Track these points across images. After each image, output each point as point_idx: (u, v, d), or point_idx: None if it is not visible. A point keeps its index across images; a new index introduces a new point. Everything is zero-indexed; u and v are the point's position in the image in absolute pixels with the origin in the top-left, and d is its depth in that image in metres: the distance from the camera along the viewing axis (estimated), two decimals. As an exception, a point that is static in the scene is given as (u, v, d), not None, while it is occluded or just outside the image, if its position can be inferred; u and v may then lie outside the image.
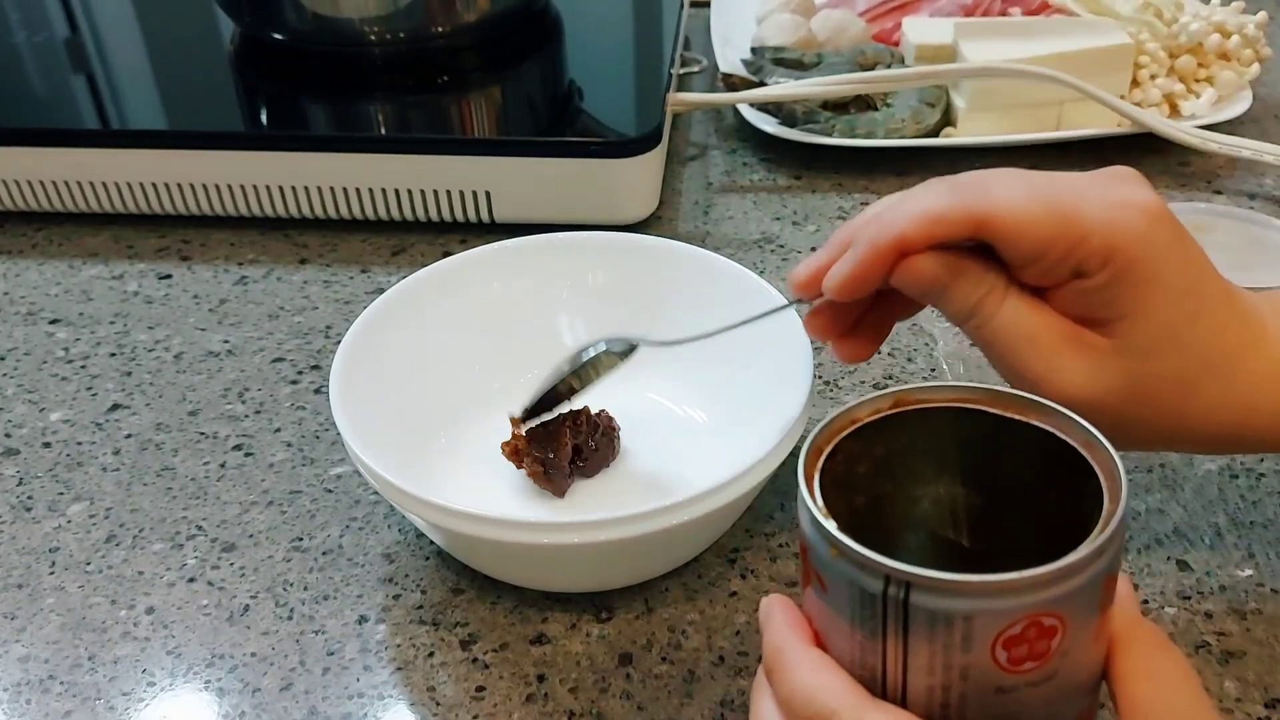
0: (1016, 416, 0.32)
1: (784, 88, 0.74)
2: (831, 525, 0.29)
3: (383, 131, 0.74)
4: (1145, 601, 0.45)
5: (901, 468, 0.34)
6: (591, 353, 0.47)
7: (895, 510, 0.35)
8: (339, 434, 0.46)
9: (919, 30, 0.80)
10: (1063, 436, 0.31)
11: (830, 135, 0.75)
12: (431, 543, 0.49)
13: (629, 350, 0.48)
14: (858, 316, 0.43)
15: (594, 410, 0.51)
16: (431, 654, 0.45)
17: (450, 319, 0.54)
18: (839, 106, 0.77)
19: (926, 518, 0.35)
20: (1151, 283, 0.37)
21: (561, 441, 0.49)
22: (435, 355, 0.54)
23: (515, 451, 0.50)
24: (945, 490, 0.35)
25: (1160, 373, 0.38)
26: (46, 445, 0.56)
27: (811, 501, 0.30)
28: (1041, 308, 0.39)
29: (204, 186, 0.69)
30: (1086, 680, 0.30)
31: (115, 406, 0.58)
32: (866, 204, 0.71)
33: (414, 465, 0.49)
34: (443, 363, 0.54)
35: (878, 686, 0.30)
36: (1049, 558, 0.27)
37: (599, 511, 0.42)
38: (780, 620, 0.32)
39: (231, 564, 0.49)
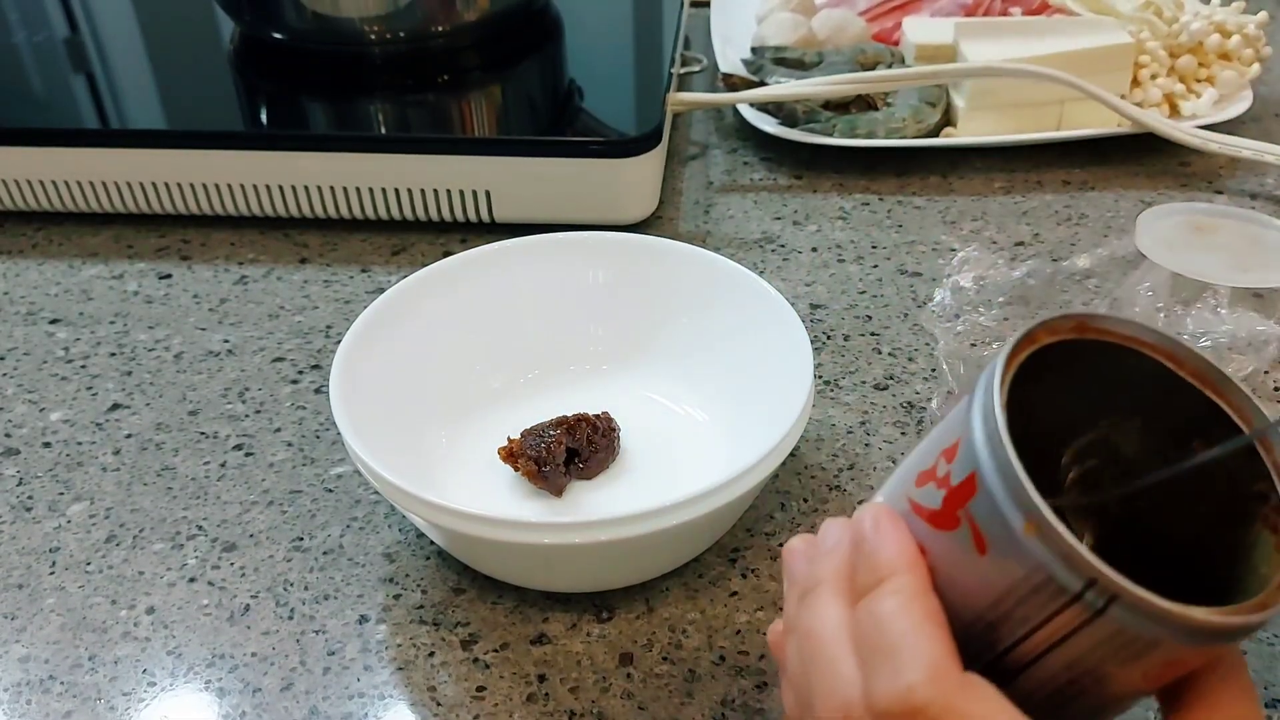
0: (1190, 380, 0.28)
1: (784, 87, 0.74)
2: (1035, 494, 0.25)
3: (383, 131, 0.74)
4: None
5: (1069, 398, 0.30)
6: None
7: (1051, 439, 0.31)
8: (339, 434, 0.46)
9: (919, 30, 0.80)
10: (1238, 421, 0.28)
11: (830, 135, 0.74)
12: (432, 542, 0.49)
13: None
14: None
15: (594, 412, 0.51)
16: (432, 654, 0.45)
17: (450, 318, 0.54)
18: (839, 106, 0.77)
19: (1077, 455, 0.32)
20: None
21: (556, 440, 0.49)
22: (435, 355, 0.54)
23: (511, 454, 0.50)
24: (1103, 431, 0.31)
25: None
26: (47, 445, 0.56)
27: (1009, 449, 0.25)
28: None
29: (204, 186, 0.69)
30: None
31: (115, 406, 0.58)
32: (867, 204, 0.71)
33: (414, 465, 0.49)
34: (443, 362, 0.54)
35: (988, 651, 0.27)
36: (1204, 567, 0.25)
37: (599, 511, 0.42)
38: (899, 538, 0.27)
39: (232, 564, 0.49)
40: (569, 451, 0.50)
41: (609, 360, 0.56)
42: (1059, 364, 0.28)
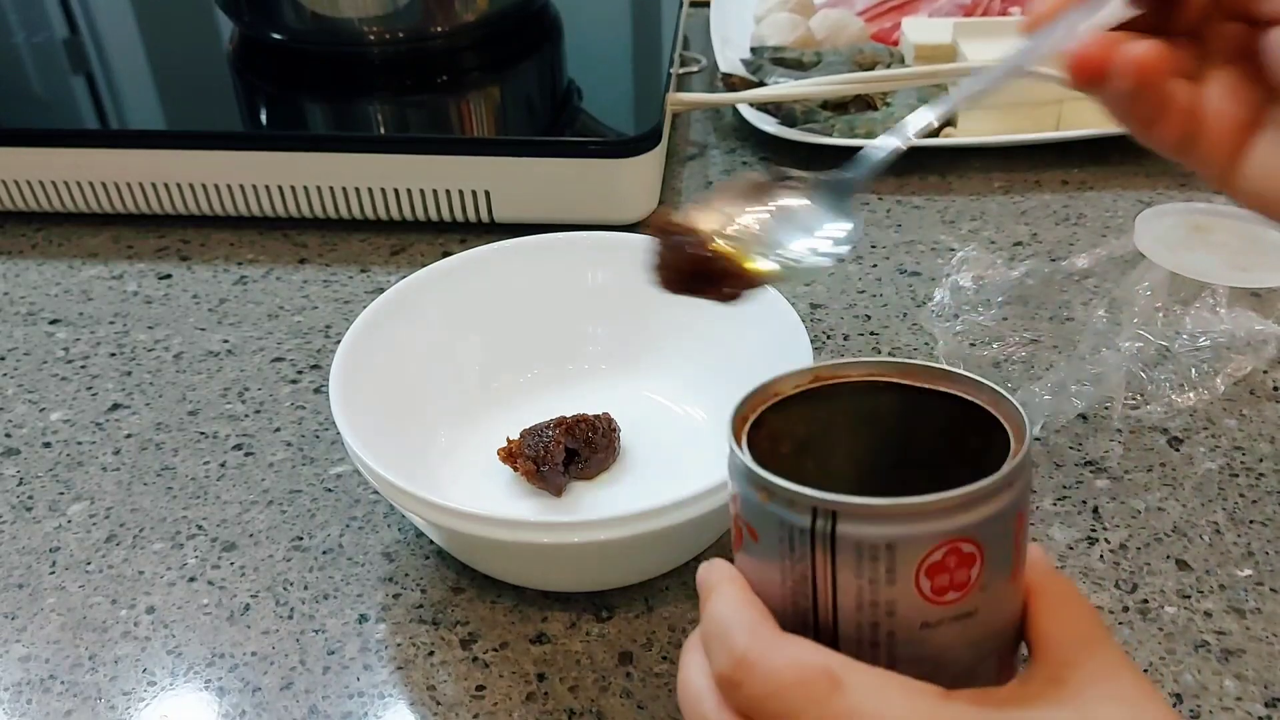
0: (925, 386, 0.33)
1: (783, 88, 0.74)
2: (760, 469, 0.29)
3: (382, 131, 0.74)
4: (1145, 601, 0.46)
5: (822, 444, 0.35)
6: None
7: (817, 486, 0.35)
8: (339, 433, 0.46)
9: (918, 30, 0.80)
10: (969, 398, 0.32)
11: (830, 135, 0.75)
12: (431, 542, 0.49)
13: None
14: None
15: (594, 412, 0.51)
16: (432, 653, 0.45)
17: (450, 318, 0.54)
18: (838, 106, 0.77)
19: (849, 492, 0.35)
20: None
21: (554, 440, 0.49)
22: (435, 355, 0.54)
23: (510, 454, 0.50)
24: (866, 464, 0.35)
25: None
26: (47, 445, 0.56)
27: (741, 451, 0.30)
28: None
29: (203, 186, 0.69)
30: (1007, 621, 0.31)
31: (115, 406, 0.58)
32: (866, 204, 0.71)
33: (414, 464, 0.49)
34: (443, 362, 0.54)
35: (809, 631, 0.30)
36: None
37: (599, 511, 0.42)
38: (719, 566, 0.32)
39: (232, 563, 0.49)
40: (568, 452, 0.50)
41: (609, 360, 0.56)
42: (804, 406, 0.33)
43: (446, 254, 0.68)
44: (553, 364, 0.56)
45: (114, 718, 0.43)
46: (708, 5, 0.91)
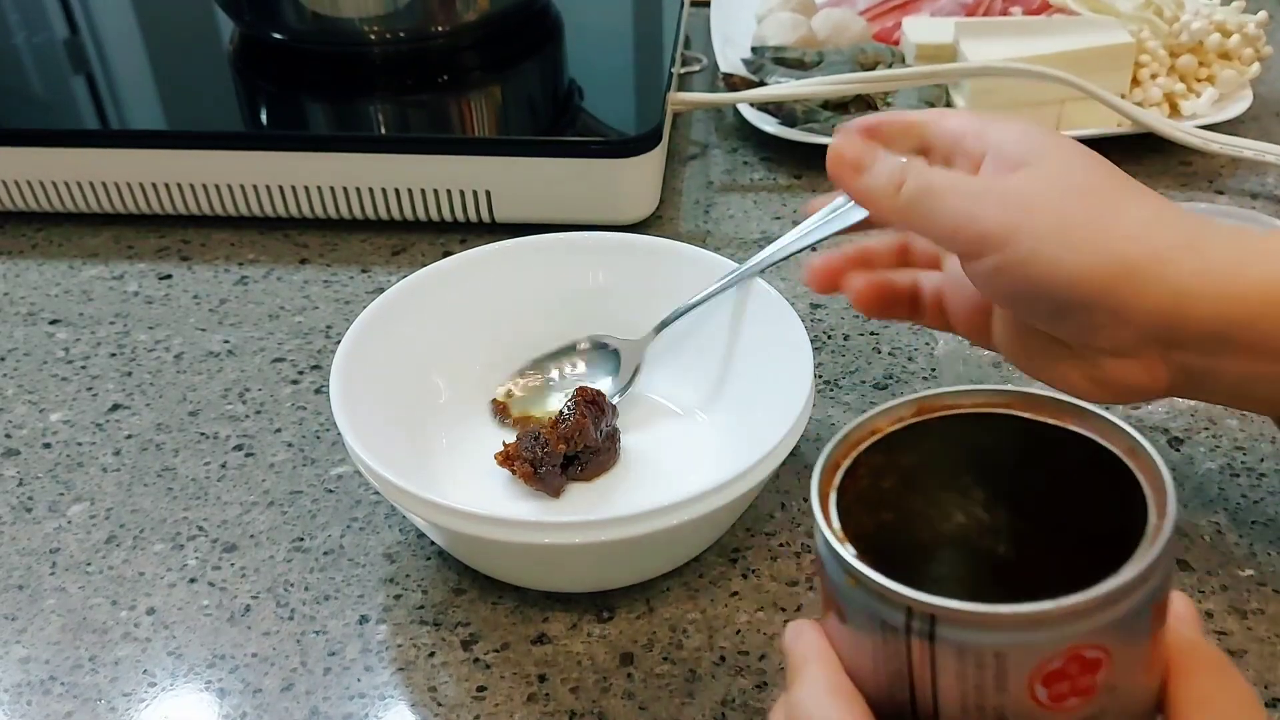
0: (1050, 421, 0.30)
1: (784, 87, 0.74)
2: (847, 551, 0.27)
3: (383, 131, 0.74)
4: (1146, 601, 0.45)
5: (929, 480, 0.32)
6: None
7: (924, 527, 0.32)
8: (339, 434, 0.46)
9: (919, 29, 0.80)
10: (1102, 442, 0.29)
11: (830, 135, 0.74)
12: (432, 543, 0.49)
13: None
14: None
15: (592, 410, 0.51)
16: (433, 654, 0.45)
17: (451, 318, 0.54)
18: (839, 106, 0.77)
19: (958, 534, 0.33)
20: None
21: (551, 441, 0.49)
22: (436, 355, 0.54)
23: (507, 458, 0.50)
24: (977, 503, 0.32)
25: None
26: (47, 446, 0.56)
27: (825, 525, 0.28)
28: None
29: (204, 186, 0.69)
30: (1140, 713, 0.28)
31: (115, 407, 0.58)
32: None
33: (415, 465, 0.49)
34: (444, 363, 0.54)
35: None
36: (1092, 578, 0.25)
37: (599, 511, 0.41)
38: (809, 637, 0.30)
39: (232, 564, 0.49)
40: (566, 458, 0.50)
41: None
42: (911, 443, 0.30)
43: (447, 254, 0.68)
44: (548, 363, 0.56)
45: (114, 719, 0.43)
46: (709, 5, 0.90)
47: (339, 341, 0.50)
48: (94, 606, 0.47)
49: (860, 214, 0.45)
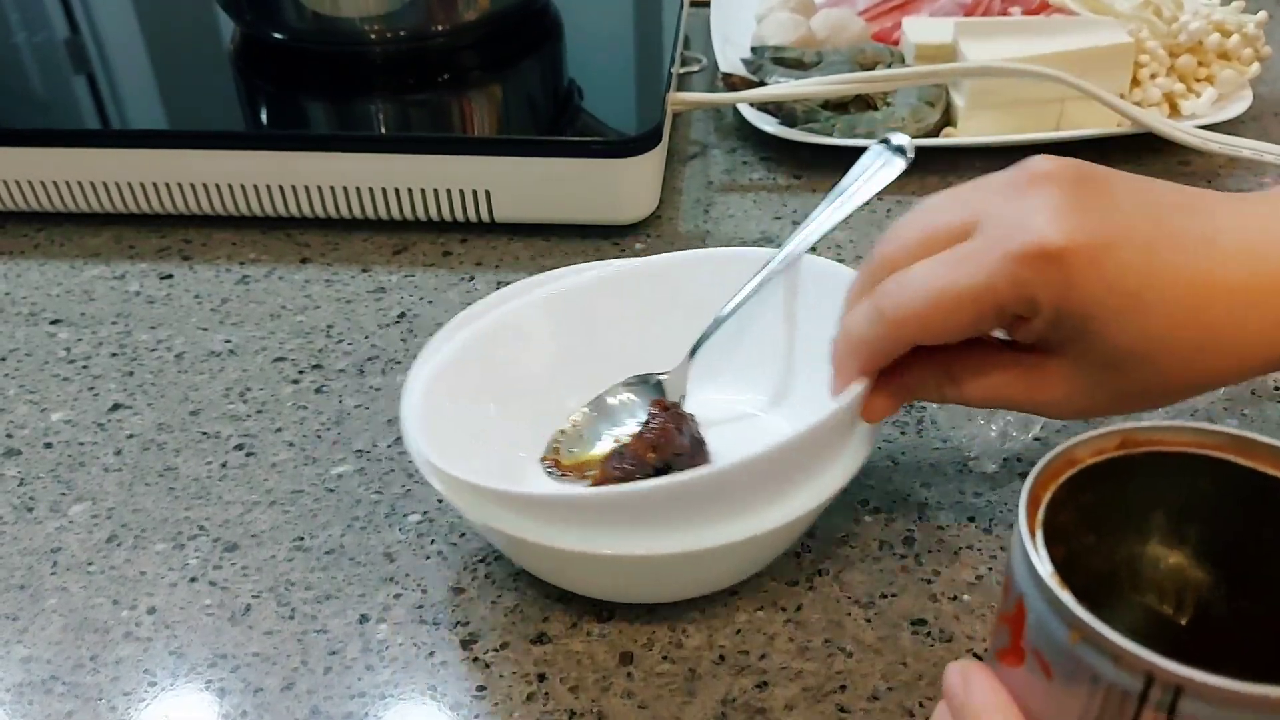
0: (1271, 471, 0.27)
1: (784, 87, 0.74)
2: (1072, 601, 0.24)
3: (383, 131, 0.74)
4: (1145, 600, 0.46)
5: (1123, 519, 0.29)
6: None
7: (1095, 568, 0.30)
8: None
9: (919, 29, 0.80)
10: None
11: (830, 135, 0.75)
12: (432, 542, 0.49)
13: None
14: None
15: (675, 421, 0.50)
16: (432, 653, 0.45)
17: (549, 348, 0.52)
18: (839, 106, 0.77)
19: (1137, 582, 0.30)
20: (1087, 317, 0.37)
21: (640, 451, 0.48)
22: (525, 373, 0.52)
23: (599, 483, 0.49)
24: (1174, 550, 0.30)
25: (1129, 378, 0.38)
26: (48, 446, 0.56)
27: (1041, 566, 0.25)
28: (989, 369, 0.42)
29: (205, 186, 0.69)
30: None
31: (117, 407, 0.58)
32: (867, 203, 0.71)
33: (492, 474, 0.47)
34: (533, 389, 0.52)
35: None
36: None
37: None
38: (987, 685, 0.27)
39: (233, 564, 0.49)
40: (656, 470, 0.48)
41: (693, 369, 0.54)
42: (1110, 478, 0.28)
43: (446, 254, 0.69)
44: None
45: (115, 719, 0.43)
46: (708, 5, 0.91)
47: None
48: (95, 606, 0.47)
49: (899, 165, 0.46)
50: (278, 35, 0.77)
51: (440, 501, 0.51)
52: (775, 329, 0.53)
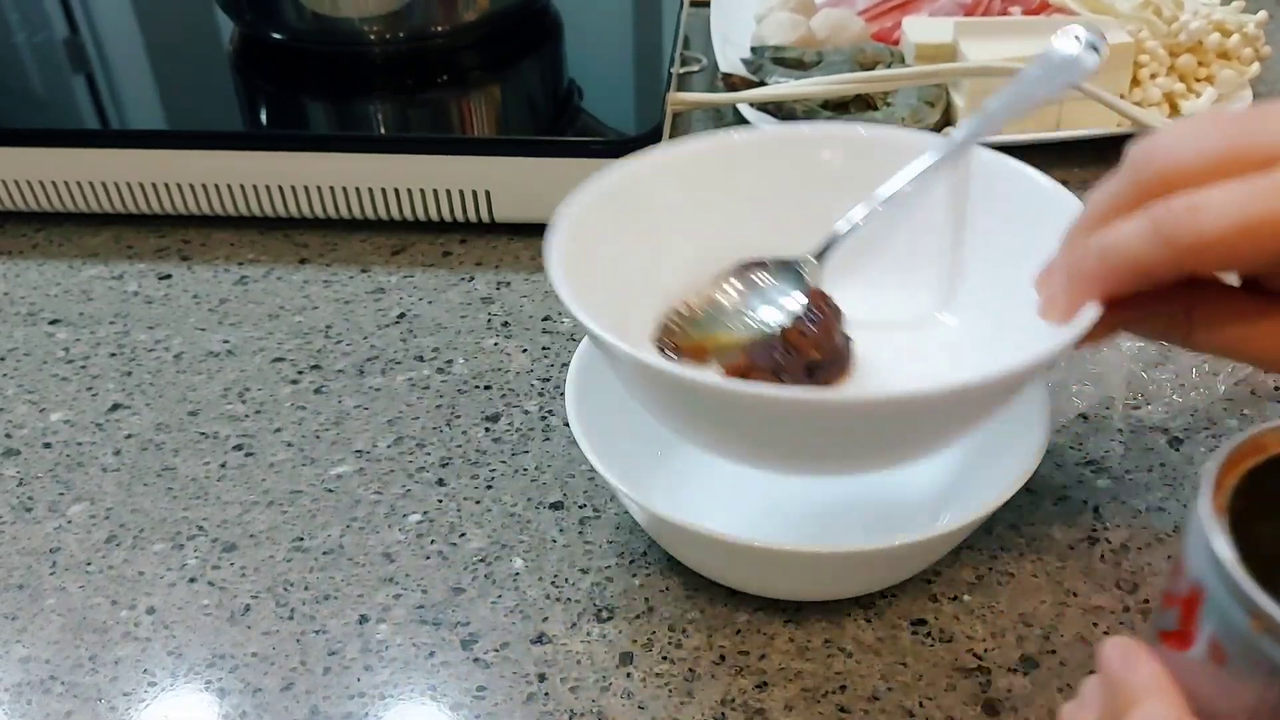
0: None
1: (784, 87, 0.74)
2: (1255, 589, 0.24)
3: (382, 131, 0.74)
4: (1145, 601, 0.46)
5: None
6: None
7: (1273, 558, 0.28)
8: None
9: (919, 29, 0.80)
10: None
11: (830, 134, 0.74)
12: (432, 542, 0.49)
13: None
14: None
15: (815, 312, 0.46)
16: (432, 654, 0.45)
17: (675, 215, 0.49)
18: (839, 106, 0.77)
19: None
20: None
21: (800, 346, 0.44)
22: (655, 250, 0.48)
23: (740, 371, 0.44)
24: None
25: None
26: (47, 446, 0.56)
27: (1224, 550, 0.24)
28: (1237, 316, 0.38)
29: (204, 186, 0.69)
30: None
31: (115, 407, 0.58)
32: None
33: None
34: (658, 263, 0.48)
35: None
36: None
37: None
38: (1149, 667, 0.26)
39: (232, 564, 0.49)
40: (809, 367, 0.44)
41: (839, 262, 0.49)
42: None
43: (447, 254, 0.68)
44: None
45: (114, 718, 0.43)
46: (708, 5, 0.90)
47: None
48: (94, 606, 0.47)
49: (1092, 60, 0.42)
50: (277, 35, 0.77)
51: (441, 501, 0.51)
52: (935, 225, 0.48)
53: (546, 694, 0.43)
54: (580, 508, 0.51)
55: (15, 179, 0.70)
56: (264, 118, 0.77)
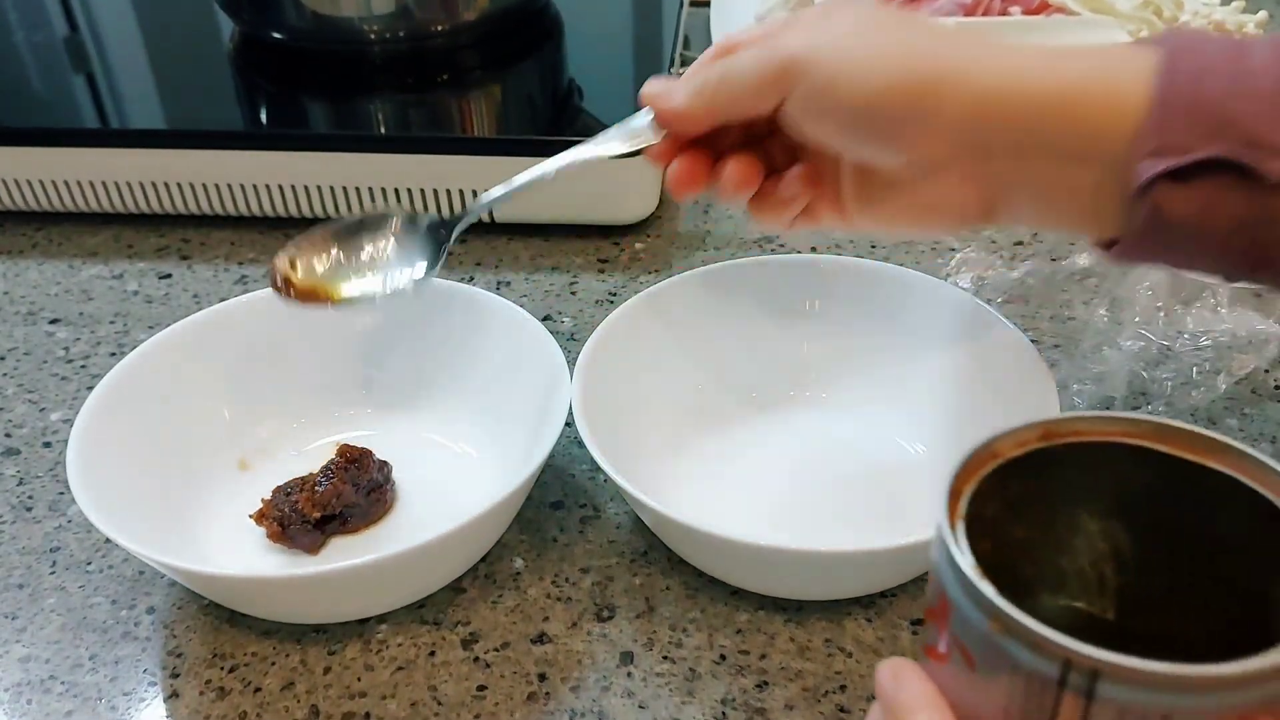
0: (1190, 458, 0.27)
1: (784, 87, 0.74)
2: (991, 591, 0.24)
3: (383, 131, 0.74)
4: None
5: (1040, 511, 0.29)
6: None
7: (1023, 561, 0.30)
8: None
9: (919, 29, 0.80)
10: (1255, 487, 0.26)
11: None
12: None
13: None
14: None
15: (364, 458, 0.50)
16: (433, 653, 0.45)
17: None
18: (839, 106, 0.77)
19: (1063, 575, 0.30)
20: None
21: (306, 496, 0.48)
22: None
23: (262, 516, 0.48)
24: (1092, 544, 0.30)
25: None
26: (47, 445, 0.56)
27: (962, 558, 0.25)
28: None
29: (204, 186, 0.69)
30: None
31: (116, 406, 0.58)
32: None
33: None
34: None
35: None
36: (1237, 633, 0.23)
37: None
38: (916, 682, 0.27)
39: (232, 563, 0.49)
40: (322, 516, 0.48)
41: (382, 403, 0.55)
42: (1033, 470, 0.28)
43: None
44: (326, 408, 0.55)
45: (114, 718, 0.43)
46: (708, 5, 0.90)
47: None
48: (94, 606, 0.47)
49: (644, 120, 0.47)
50: (277, 35, 0.77)
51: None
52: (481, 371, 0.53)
53: (547, 694, 0.43)
54: (581, 507, 0.51)
55: (15, 178, 0.70)
56: (264, 117, 0.77)
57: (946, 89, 0.38)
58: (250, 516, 0.49)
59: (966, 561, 0.25)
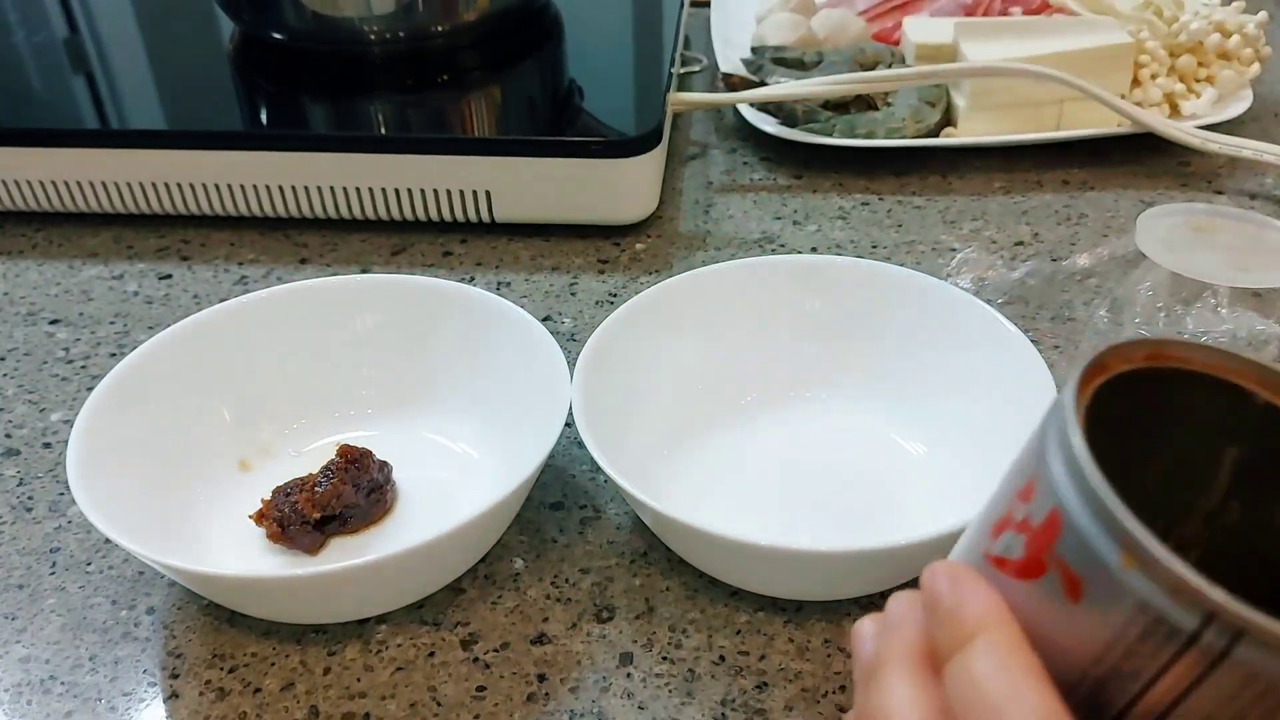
0: None
1: (784, 87, 0.74)
2: (1131, 520, 0.21)
3: (383, 131, 0.74)
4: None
5: (1140, 435, 0.26)
6: None
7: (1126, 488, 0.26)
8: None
9: (919, 29, 0.80)
10: None
11: (830, 135, 0.74)
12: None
13: None
14: None
15: (365, 458, 0.50)
16: (432, 654, 0.45)
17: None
18: (839, 106, 0.77)
19: (1161, 507, 0.27)
20: None
21: (306, 497, 0.48)
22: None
23: (262, 516, 0.48)
24: (1190, 476, 0.27)
25: None
26: (47, 446, 0.56)
27: (1091, 472, 0.22)
28: None
29: (204, 186, 0.69)
30: None
31: (115, 406, 0.58)
32: (867, 204, 0.71)
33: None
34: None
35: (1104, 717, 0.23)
36: None
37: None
38: (986, 596, 0.24)
39: (232, 564, 0.49)
40: (322, 519, 0.48)
41: (380, 403, 0.55)
42: (1133, 392, 0.25)
43: (447, 254, 0.68)
44: (326, 409, 0.55)
45: (114, 719, 0.43)
46: (708, 5, 0.91)
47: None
48: (94, 606, 0.47)
49: None
50: (277, 35, 0.77)
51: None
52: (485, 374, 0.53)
53: (547, 694, 0.43)
54: (580, 508, 0.51)
55: (15, 179, 0.70)
56: (264, 117, 0.77)
57: None
58: (250, 517, 0.49)
59: (1097, 478, 0.22)
